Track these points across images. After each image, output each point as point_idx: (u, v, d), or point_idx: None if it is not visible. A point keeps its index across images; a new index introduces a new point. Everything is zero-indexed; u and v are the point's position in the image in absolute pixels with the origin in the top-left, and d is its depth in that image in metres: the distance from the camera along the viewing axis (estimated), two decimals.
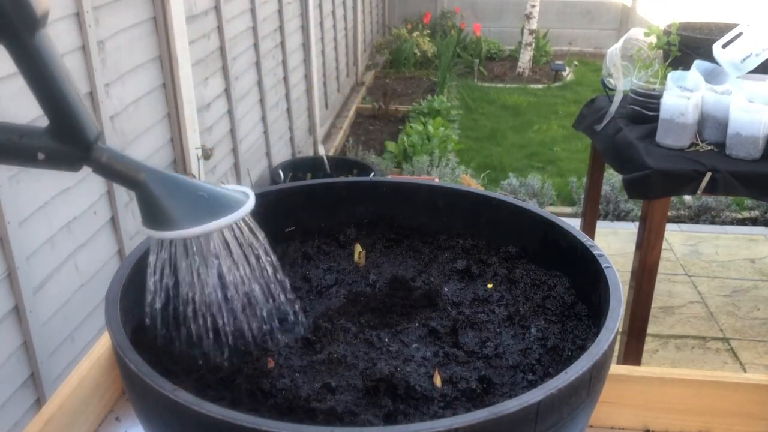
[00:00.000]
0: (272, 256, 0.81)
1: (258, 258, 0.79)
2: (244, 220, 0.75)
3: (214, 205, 0.73)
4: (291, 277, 0.98)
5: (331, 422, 0.70)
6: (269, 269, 0.81)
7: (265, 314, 0.81)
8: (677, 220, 4.25)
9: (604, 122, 2.76)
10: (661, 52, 2.81)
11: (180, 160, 2.69)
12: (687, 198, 4.30)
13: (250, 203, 0.75)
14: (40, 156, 0.70)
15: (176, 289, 0.78)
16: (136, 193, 0.73)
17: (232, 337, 0.79)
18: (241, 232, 0.77)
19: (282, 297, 0.83)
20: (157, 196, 0.72)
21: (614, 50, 2.73)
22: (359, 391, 0.76)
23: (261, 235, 0.79)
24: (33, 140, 0.70)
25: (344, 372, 0.79)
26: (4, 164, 0.74)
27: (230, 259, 0.76)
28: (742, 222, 4.28)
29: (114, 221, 2.21)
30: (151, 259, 0.77)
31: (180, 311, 0.78)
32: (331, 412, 0.71)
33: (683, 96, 2.34)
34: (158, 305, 0.79)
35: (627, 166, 2.46)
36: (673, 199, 4.13)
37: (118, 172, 0.73)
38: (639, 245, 2.46)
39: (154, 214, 0.73)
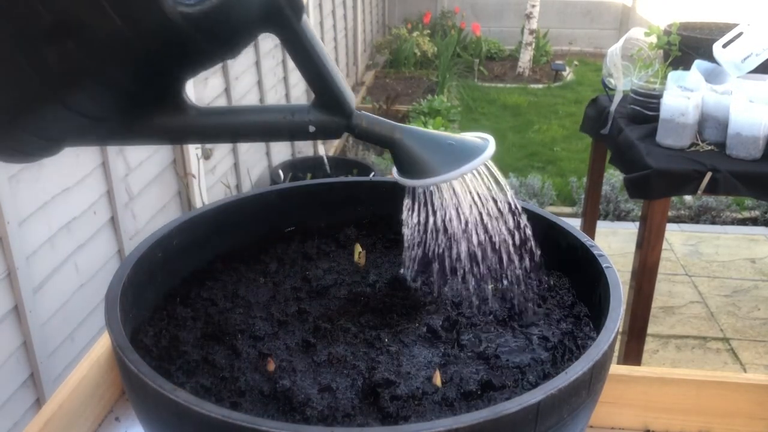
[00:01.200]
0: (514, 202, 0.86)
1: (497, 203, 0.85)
2: (485, 164, 0.81)
3: (463, 151, 0.79)
4: (291, 277, 0.98)
5: (331, 422, 0.70)
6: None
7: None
8: (677, 220, 4.25)
9: (609, 124, 2.76)
10: (661, 51, 2.81)
11: (180, 160, 2.69)
12: (687, 198, 4.30)
13: (492, 145, 0.81)
14: (311, 128, 0.77)
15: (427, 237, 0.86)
16: (393, 150, 0.81)
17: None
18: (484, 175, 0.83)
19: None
20: (413, 151, 0.79)
21: (614, 50, 2.73)
22: (359, 391, 0.76)
23: (502, 180, 0.84)
24: (303, 115, 0.77)
25: (344, 372, 0.79)
26: (278, 140, 0.83)
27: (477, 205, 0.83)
28: (743, 222, 4.28)
29: (114, 221, 2.21)
30: (405, 213, 0.85)
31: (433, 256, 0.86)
32: (332, 413, 0.71)
33: (683, 96, 2.34)
34: (414, 254, 0.87)
35: (629, 167, 2.46)
36: (674, 198, 4.13)
37: (376, 134, 0.80)
38: (639, 245, 2.46)
39: (411, 167, 0.80)
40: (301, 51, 0.74)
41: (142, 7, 0.60)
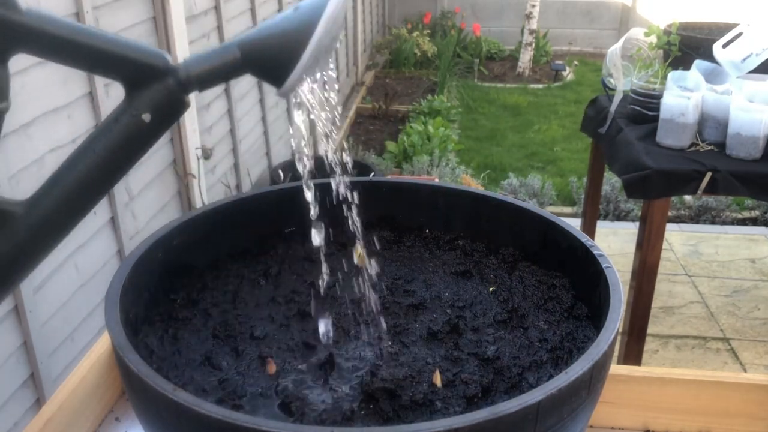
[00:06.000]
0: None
1: None
2: None
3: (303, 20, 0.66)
4: (291, 278, 0.98)
5: (331, 423, 0.70)
6: None
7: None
8: (677, 220, 4.25)
9: (608, 124, 2.76)
10: (661, 51, 2.81)
11: (180, 160, 2.69)
12: (687, 198, 4.30)
13: None
14: (146, 118, 0.64)
15: None
16: (245, 70, 0.68)
17: None
18: None
19: None
20: (264, 55, 0.67)
21: (614, 50, 2.73)
22: (360, 392, 0.76)
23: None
24: (130, 112, 0.64)
25: (345, 373, 0.79)
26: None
27: None
28: (743, 222, 4.28)
29: (114, 221, 2.21)
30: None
31: None
32: (332, 414, 0.71)
33: (683, 96, 2.34)
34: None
35: (627, 167, 2.46)
36: (674, 198, 4.13)
37: (216, 69, 0.68)
38: (639, 245, 2.46)
39: (272, 71, 0.68)
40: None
41: None
